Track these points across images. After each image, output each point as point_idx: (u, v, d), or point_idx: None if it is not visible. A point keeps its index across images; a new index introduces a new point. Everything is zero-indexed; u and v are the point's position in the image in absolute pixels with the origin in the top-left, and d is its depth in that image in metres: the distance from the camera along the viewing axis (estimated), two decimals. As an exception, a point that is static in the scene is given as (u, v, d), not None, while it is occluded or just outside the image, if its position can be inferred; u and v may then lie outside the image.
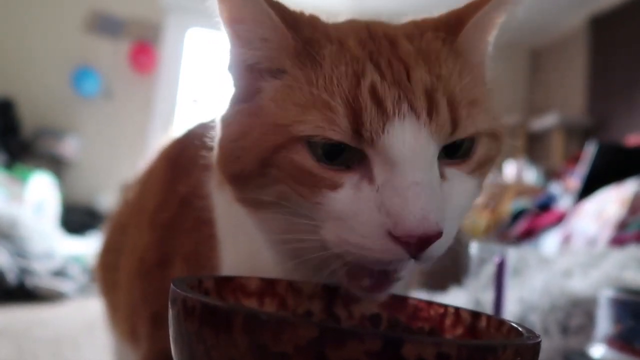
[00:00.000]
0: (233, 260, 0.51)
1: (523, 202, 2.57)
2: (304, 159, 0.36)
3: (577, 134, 3.84)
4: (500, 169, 3.78)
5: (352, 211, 0.35)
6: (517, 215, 2.43)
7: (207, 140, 0.45)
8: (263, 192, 0.39)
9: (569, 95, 4.07)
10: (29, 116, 3.77)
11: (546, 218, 2.21)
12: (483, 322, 0.39)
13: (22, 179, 3.02)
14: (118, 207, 0.79)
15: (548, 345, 0.76)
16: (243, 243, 0.48)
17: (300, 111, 0.36)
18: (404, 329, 0.43)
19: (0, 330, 1.41)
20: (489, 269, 1.01)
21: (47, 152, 3.71)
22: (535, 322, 0.79)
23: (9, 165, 3.31)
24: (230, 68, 0.43)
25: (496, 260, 0.68)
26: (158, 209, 0.63)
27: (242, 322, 0.25)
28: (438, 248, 0.35)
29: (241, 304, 0.41)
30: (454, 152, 0.38)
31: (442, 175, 0.37)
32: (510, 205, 2.63)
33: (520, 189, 3.07)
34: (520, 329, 0.34)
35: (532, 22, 4.17)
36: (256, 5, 0.39)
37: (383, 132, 0.34)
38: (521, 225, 2.28)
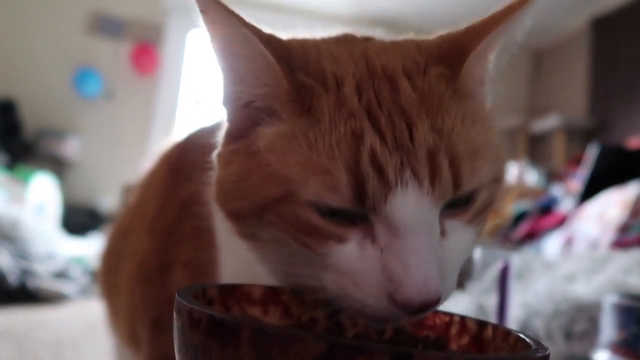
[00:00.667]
0: (232, 269, 0.51)
1: (525, 204, 2.57)
2: (309, 214, 0.35)
3: (578, 136, 3.84)
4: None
5: (356, 268, 0.35)
6: (519, 218, 2.42)
7: (208, 147, 0.45)
8: (262, 230, 0.38)
9: (571, 97, 4.07)
10: (31, 117, 3.77)
11: (548, 220, 2.21)
12: (489, 332, 0.38)
13: (24, 180, 3.02)
14: (121, 210, 0.79)
15: (552, 351, 0.75)
16: (242, 257, 0.47)
17: (301, 172, 0.35)
18: (410, 337, 0.42)
19: (2, 331, 1.41)
20: (492, 274, 1.00)
21: (49, 152, 3.71)
22: (538, 327, 0.79)
23: (11, 166, 3.32)
24: (224, 103, 0.42)
25: (500, 265, 0.68)
26: (158, 214, 0.62)
27: (249, 335, 0.25)
28: (436, 304, 0.35)
29: (248, 317, 0.41)
30: (454, 202, 0.37)
31: (443, 231, 0.36)
32: (512, 208, 2.62)
33: (522, 191, 3.07)
34: (527, 340, 0.33)
35: (534, 23, 4.17)
36: (249, 41, 0.37)
37: (385, 201, 0.33)
38: (523, 228, 2.28)
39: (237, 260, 0.49)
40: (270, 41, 0.37)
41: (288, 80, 0.37)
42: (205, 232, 0.51)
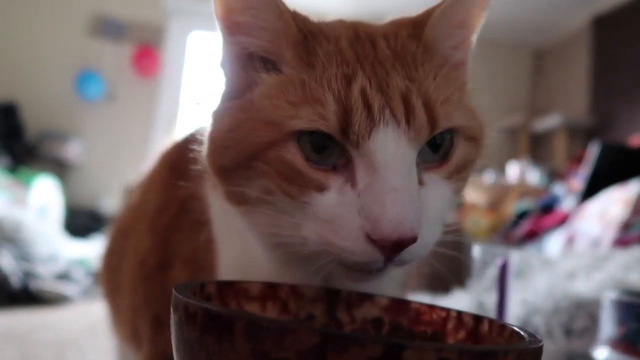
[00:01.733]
0: (229, 260, 0.51)
1: (526, 203, 2.56)
2: (294, 157, 0.38)
3: (580, 135, 3.83)
4: (501, 170, 3.73)
5: (335, 214, 0.37)
6: (521, 216, 2.42)
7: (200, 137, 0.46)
8: (248, 186, 0.40)
9: (572, 96, 4.06)
10: (33, 119, 3.79)
11: (549, 219, 2.21)
12: (485, 326, 0.39)
13: (26, 183, 3.03)
14: (121, 210, 0.79)
15: (552, 348, 0.76)
16: (237, 242, 0.49)
17: (293, 108, 0.38)
18: (407, 332, 0.43)
19: (4, 333, 1.42)
20: (492, 272, 1.01)
21: (51, 155, 3.72)
22: (538, 324, 0.79)
23: (13, 169, 3.33)
24: (222, 64, 0.44)
25: (499, 262, 0.68)
26: (158, 213, 0.63)
27: (244, 328, 0.25)
28: (415, 252, 0.36)
29: (243, 310, 0.41)
30: (433, 152, 0.39)
31: (421, 181, 0.38)
32: (513, 207, 2.62)
33: (524, 189, 3.07)
34: (522, 333, 0.34)
35: (535, 22, 4.17)
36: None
37: (369, 136, 0.36)
38: (524, 227, 2.28)
39: (233, 252, 0.51)
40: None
41: (297, 26, 0.41)
42: (202, 226, 0.52)
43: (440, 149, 0.40)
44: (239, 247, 0.49)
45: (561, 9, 3.93)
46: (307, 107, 0.37)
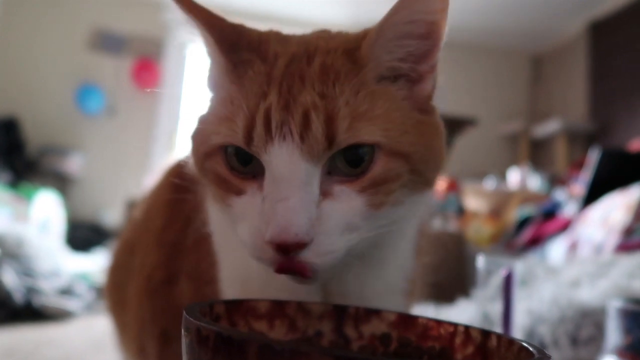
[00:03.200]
0: (229, 271, 0.52)
1: (528, 209, 2.56)
2: (221, 167, 0.43)
3: (580, 140, 3.84)
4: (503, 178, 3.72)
5: (245, 215, 0.42)
6: (523, 223, 2.42)
7: None
8: (205, 181, 0.47)
9: (571, 101, 4.08)
10: (34, 134, 3.80)
11: (552, 225, 2.21)
12: (493, 341, 0.39)
13: (28, 198, 3.03)
14: (126, 225, 0.80)
15: (558, 357, 0.75)
16: (235, 252, 0.50)
17: (218, 124, 0.43)
18: (414, 348, 0.43)
19: (9, 350, 1.41)
20: (496, 281, 1.01)
21: (52, 169, 3.73)
22: (544, 333, 0.79)
23: (15, 184, 3.33)
24: (208, 76, 0.50)
25: (504, 273, 0.68)
26: (164, 228, 0.63)
27: (256, 352, 0.26)
28: (313, 257, 0.39)
29: (255, 333, 0.41)
30: (352, 167, 0.41)
31: (327, 192, 0.40)
32: (515, 213, 2.62)
33: (525, 196, 3.07)
34: (531, 348, 0.34)
35: (533, 28, 4.20)
36: (200, 28, 0.46)
37: (265, 150, 0.40)
38: (527, 233, 2.28)
39: (232, 257, 0.52)
40: (215, 25, 0.46)
41: (225, 57, 0.45)
42: (204, 239, 0.53)
43: (359, 166, 0.41)
44: (238, 256, 0.50)
45: (558, 15, 3.95)
46: (226, 124, 0.42)
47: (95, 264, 2.61)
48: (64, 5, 4.12)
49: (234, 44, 0.45)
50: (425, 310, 1.14)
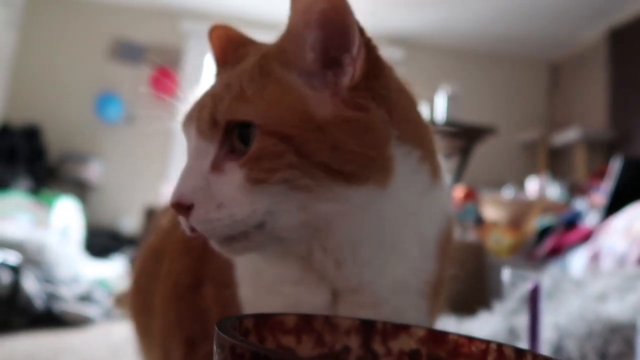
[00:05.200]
0: (241, 267, 0.54)
1: (548, 219, 2.53)
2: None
3: (600, 148, 3.79)
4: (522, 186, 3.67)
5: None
6: (543, 233, 2.38)
7: None
8: None
9: (591, 109, 4.02)
10: (55, 142, 3.87)
11: (573, 235, 2.17)
12: (528, 360, 0.38)
13: (48, 204, 3.07)
14: (152, 233, 0.80)
15: (586, 374, 0.74)
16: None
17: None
18: (446, 366, 0.42)
19: (30, 357, 1.43)
20: (520, 294, 0.99)
21: (72, 176, 3.78)
22: (571, 349, 0.77)
23: (36, 191, 3.39)
24: None
25: (530, 286, 0.67)
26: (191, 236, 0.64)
27: (294, 372, 0.25)
28: (197, 219, 0.45)
29: (291, 352, 0.41)
30: (245, 146, 0.45)
31: (220, 168, 0.46)
32: (535, 223, 2.59)
33: (545, 205, 3.03)
34: (569, 369, 0.33)
35: (551, 36, 4.16)
36: (219, 46, 0.56)
37: (187, 133, 0.49)
38: (547, 244, 2.24)
39: (245, 262, 0.54)
40: (218, 31, 0.56)
41: (216, 63, 0.57)
42: None
43: (241, 148, 0.45)
44: (251, 258, 0.53)
45: (577, 23, 3.91)
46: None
47: (114, 270, 2.64)
48: (84, 16, 4.20)
49: (233, 50, 0.54)
50: (446, 322, 1.12)
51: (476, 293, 1.75)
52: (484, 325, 0.99)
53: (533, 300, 0.67)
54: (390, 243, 0.51)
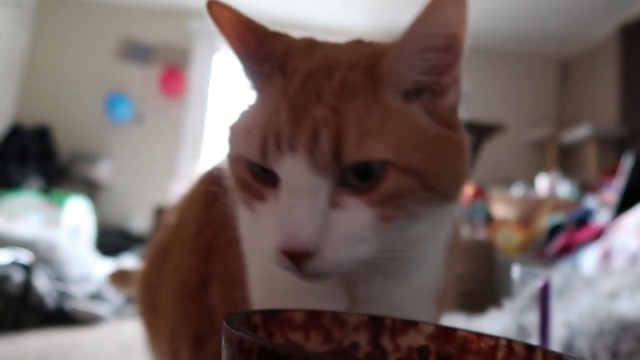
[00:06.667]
0: (255, 271, 0.53)
1: (559, 217, 2.51)
2: (245, 173, 0.45)
3: (611, 146, 3.75)
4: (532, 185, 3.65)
5: (265, 222, 0.43)
6: (553, 231, 2.36)
7: None
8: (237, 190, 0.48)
9: (601, 106, 3.98)
10: (65, 142, 3.90)
11: (584, 233, 2.15)
12: (538, 356, 0.37)
13: (59, 204, 3.10)
14: (160, 230, 0.80)
15: (598, 372, 0.73)
16: (261, 252, 0.50)
17: (240, 136, 0.45)
18: (455, 362, 0.42)
19: (42, 354, 1.44)
20: (530, 291, 0.98)
21: (82, 176, 3.81)
22: (582, 347, 0.76)
23: (46, 190, 3.42)
24: None
25: (540, 283, 0.66)
26: (198, 233, 0.64)
27: (302, 366, 0.25)
28: (322, 265, 0.40)
29: (299, 347, 0.41)
30: (361, 180, 0.41)
31: (336, 203, 0.41)
32: (545, 220, 2.57)
33: (555, 203, 3.00)
34: (580, 365, 0.32)
35: (561, 33, 4.12)
36: (227, 42, 0.48)
37: (278, 163, 0.41)
38: (558, 242, 2.23)
39: (259, 261, 0.52)
40: (241, 37, 0.47)
41: (254, 70, 0.47)
42: (235, 243, 0.54)
43: (369, 180, 0.41)
44: (264, 257, 0.50)
45: (587, 19, 3.87)
46: (244, 137, 0.44)
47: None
48: (93, 17, 4.23)
49: (257, 58, 0.47)
50: (456, 320, 1.11)
51: (486, 291, 1.74)
52: (493, 323, 0.98)
53: (543, 297, 0.67)
54: (421, 257, 0.50)
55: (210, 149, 4.18)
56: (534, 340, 0.64)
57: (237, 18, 0.47)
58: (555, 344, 0.78)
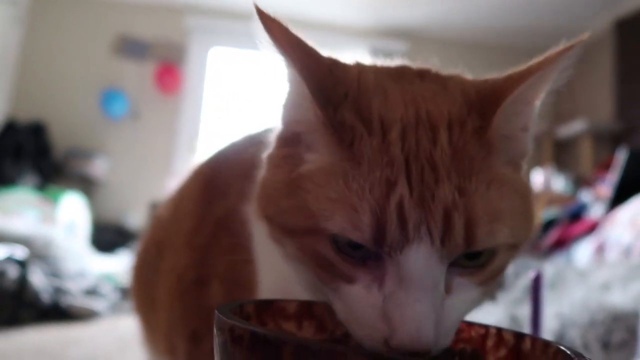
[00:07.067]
0: (270, 285, 0.51)
1: (553, 211, 2.52)
2: (327, 250, 0.38)
3: (606, 140, 3.76)
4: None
5: (360, 309, 0.37)
6: (548, 225, 2.38)
7: (242, 164, 0.46)
8: (287, 244, 0.41)
9: (597, 101, 4.00)
10: (60, 138, 3.88)
11: (578, 227, 2.17)
12: (527, 344, 0.38)
13: (54, 200, 3.10)
14: (151, 224, 0.80)
15: (589, 362, 0.73)
16: (279, 271, 0.48)
17: (330, 207, 0.37)
18: (446, 351, 0.42)
19: (37, 350, 1.44)
20: (523, 283, 0.99)
21: (78, 172, 3.80)
22: (574, 337, 0.77)
23: (42, 187, 3.41)
24: (282, 106, 0.43)
25: (532, 275, 0.67)
26: (194, 230, 0.64)
27: (292, 352, 0.26)
28: (432, 351, 0.36)
29: (288, 332, 0.41)
30: (468, 259, 0.38)
31: (448, 288, 0.37)
32: (540, 215, 2.58)
33: (550, 197, 3.02)
34: (568, 352, 0.33)
35: (556, 27, 4.13)
36: (292, 67, 0.39)
37: (401, 252, 0.35)
38: (552, 235, 2.24)
39: (275, 279, 0.50)
40: (313, 71, 0.38)
41: (324, 114, 0.38)
42: (242, 248, 0.52)
43: (478, 258, 0.38)
44: (281, 275, 0.48)
45: (582, 14, 3.88)
46: (343, 212, 0.36)
47: (120, 265, 2.66)
48: (89, 13, 4.20)
49: (332, 97, 0.38)
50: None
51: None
52: (487, 316, 0.99)
53: (535, 288, 0.67)
54: None
55: (205, 144, 4.18)
56: (527, 331, 0.64)
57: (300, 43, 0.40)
58: (548, 335, 0.79)
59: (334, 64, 0.41)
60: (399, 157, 0.36)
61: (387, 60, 0.48)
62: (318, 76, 0.38)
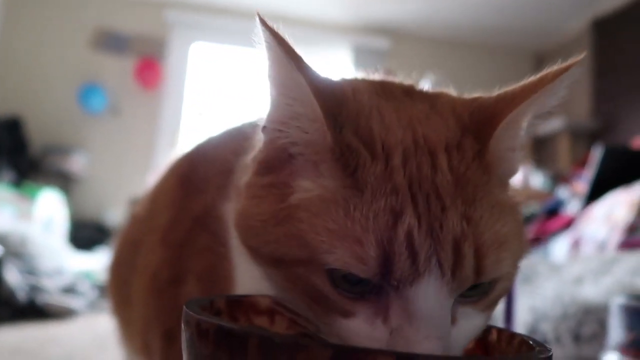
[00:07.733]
0: (248, 285, 0.50)
1: (531, 208, 2.56)
2: (323, 284, 0.35)
3: (583, 138, 3.83)
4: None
5: (362, 344, 0.34)
6: (526, 221, 2.42)
7: (219, 160, 0.45)
8: (274, 274, 0.39)
9: (574, 99, 4.06)
10: (37, 134, 3.81)
11: (555, 223, 2.21)
12: (494, 335, 0.39)
13: (31, 197, 3.04)
14: (127, 221, 0.79)
15: (561, 354, 0.75)
16: (257, 275, 0.45)
17: (330, 239, 0.34)
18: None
19: (14, 348, 1.42)
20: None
21: (55, 168, 3.74)
22: (547, 330, 0.79)
23: (18, 183, 3.35)
24: (264, 128, 0.40)
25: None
26: (170, 227, 0.63)
27: (257, 345, 0.26)
28: None
29: (256, 326, 0.41)
30: (472, 292, 0.37)
31: (453, 318, 0.35)
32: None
33: (528, 194, 3.06)
34: (531, 342, 0.34)
35: (535, 26, 4.19)
36: (301, 87, 0.36)
37: (411, 285, 0.33)
38: (530, 231, 2.27)
39: (252, 278, 0.48)
40: (322, 91, 0.36)
41: (333, 137, 0.36)
42: (220, 245, 0.51)
43: (480, 288, 0.37)
44: (259, 275, 0.45)
45: (561, 13, 3.94)
46: (346, 245, 0.33)
47: (99, 262, 2.63)
48: (67, 5, 4.13)
49: (338, 118, 0.36)
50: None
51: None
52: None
53: (509, 282, 0.68)
54: None
55: (186, 140, 4.14)
56: (500, 324, 0.65)
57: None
58: (521, 328, 0.80)
59: (337, 87, 0.39)
60: (403, 184, 0.34)
61: (369, 74, 0.47)
62: (327, 97, 0.36)
